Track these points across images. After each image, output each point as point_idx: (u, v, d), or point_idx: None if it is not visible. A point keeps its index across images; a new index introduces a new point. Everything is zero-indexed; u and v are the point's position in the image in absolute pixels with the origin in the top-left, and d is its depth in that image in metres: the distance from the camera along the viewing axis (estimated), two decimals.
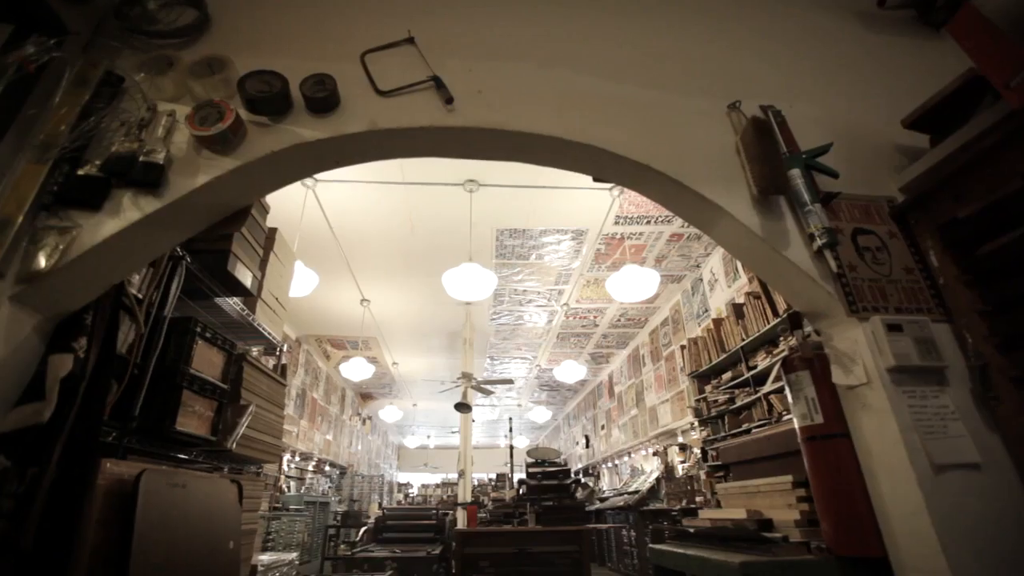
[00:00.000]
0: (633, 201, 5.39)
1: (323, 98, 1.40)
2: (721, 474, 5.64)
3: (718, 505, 5.34)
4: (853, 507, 1.23)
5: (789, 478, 1.51)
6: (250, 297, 2.38)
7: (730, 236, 1.48)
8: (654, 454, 8.88)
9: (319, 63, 1.46)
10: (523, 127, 1.46)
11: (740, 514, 1.60)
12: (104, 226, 1.17)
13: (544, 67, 1.60)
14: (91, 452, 1.24)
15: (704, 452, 5.93)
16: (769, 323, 4.49)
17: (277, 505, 6.73)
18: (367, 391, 13.33)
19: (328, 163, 1.46)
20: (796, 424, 1.38)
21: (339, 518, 6.47)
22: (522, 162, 1.56)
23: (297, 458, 9.15)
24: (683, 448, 8.09)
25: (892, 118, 1.60)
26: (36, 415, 1.08)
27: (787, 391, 1.42)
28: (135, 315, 1.52)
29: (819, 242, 1.32)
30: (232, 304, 2.21)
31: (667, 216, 5.68)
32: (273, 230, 2.63)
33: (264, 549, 5.27)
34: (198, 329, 1.78)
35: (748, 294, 4.95)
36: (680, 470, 7.78)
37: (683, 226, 5.89)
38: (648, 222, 5.83)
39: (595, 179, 1.60)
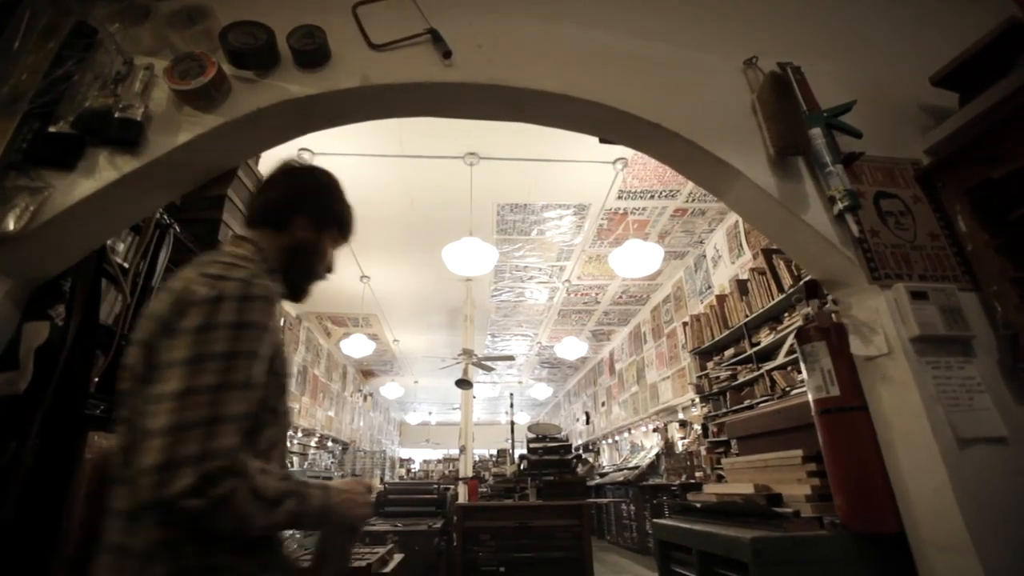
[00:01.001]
0: (636, 175, 5.28)
1: (312, 51, 1.31)
2: (721, 450, 5.65)
3: (718, 480, 5.37)
4: (869, 482, 1.18)
5: (799, 452, 1.46)
6: None
7: (745, 200, 1.40)
8: (654, 430, 8.92)
9: (307, 14, 1.36)
10: (526, 84, 1.37)
11: (748, 489, 1.56)
12: (79, 187, 1.09)
13: (549, 21, 1.49)
14: (76, 425, 1.19)
15: (705, 428, 5.93)
16: (774, 299, 4.43)
17: None
18: (368, 368, 13.38)
19: (319, 122, 1.37)
20: (810, 397, 1.33)
21: None
22: (524, 122, 1.47)
23: (299, 434, 9.21)
24: (683, 424, 8.12)
25: (918, 76, 1.51)
26: (10, 385, 1.02)
27: (801, 363, 1.36)
28: (120, 284, 1.45)
29: (840, 205, 1.25)
30: None
31: (671, 190, 5.57)
32: None
33: None
34: None
35: (752, 270, 4.88)
36: (680, 446, 7.82)
37: (687, 201, 5.78)
38: (652, 197, 5.72)
39: (601, 140, 1.51)
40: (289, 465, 8.12)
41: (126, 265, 1.52)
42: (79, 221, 1.12)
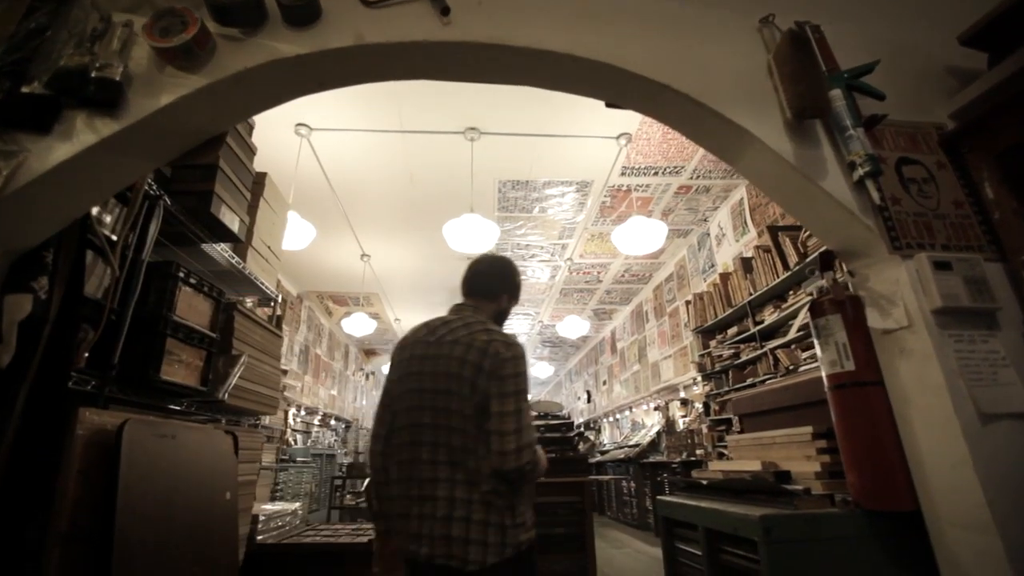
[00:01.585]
0: (640, 151, 5.17)
1: (301, 7, 1.23)
2: (723, 428, 5.66)
3: (720, 458, 5.38)
4: (884, 459, 1.14)
5: (809, 429, 1.42)
6: (239, 244, 2.26)
7: (758, 166, 1.33)
8: (655, 409, 8.96)
9: None
10: (529, 43, 1.29)
11: (755, 466, 1.53)
12: (55, 151, 1.03)
13: None
14: (63, 400, 1.15)
15: (706, 406, 5.94)
16: (779, 277, 4.37)
17: (284, 457, 6.84)
18: (370, 347, 13.41)
19: (310, 84, 1.30)
20: (823, 372, 1.28)
21: (345, 470, 6.59)
22: (527, 85, 1.39)
23: (303, 412, 9.27)
24: (684, 403, 8.14)
25: (944, 36, 1.42)
26: None
27: (814, 337, 1.31)
28: (108, 257, 1.40)
29: (860, 171, 1.18)
30: (220, 251, 2.10)
31: (675, 167, 5.47)
32: (262, 174, 2.48)
33: (273, 499, 5.38)
34: (180, 274, 1.67)
35: (757, 247, 4.81)
36: (681, 424, 7.86)
37: (692, 178, 5.68)
38: (655, 173, 5.62)
39: (608, 104, 1.43)
40: (293, 443, 8.20)
41: (114, 237, 1.46)
42: (58, 188, 1.06)
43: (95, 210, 1.41)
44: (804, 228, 3.96)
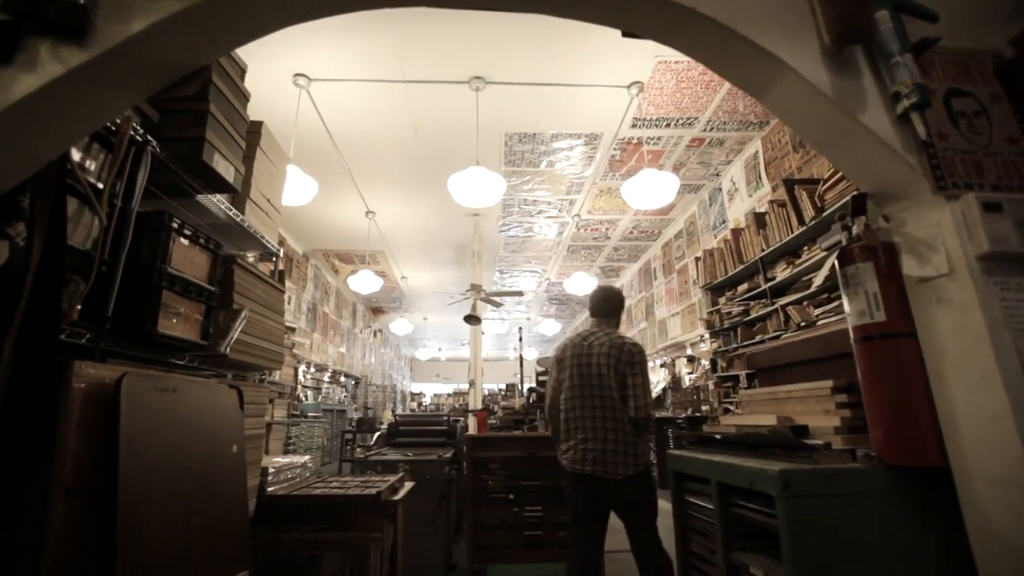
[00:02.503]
0: (653, 101, 4.96)
1: None
2: (729, 384, 5.68)
3: (725, 414, 5.41)
4: (912, 413, 1.08)
5: (829, 383, 1.36)
6: (236, 195, 2.18)
7: (790, 100, 1.21)
8: (661, 366, 9.00)
9: None
10: None
11: (769, 420, 1.48)
12: (18, 83, 0.94)
13: None
14: (54, 353, 1.11)
15: (713, 363, 5.93)
16: (793, 232, 4.26)
17: (296, 413, 6.99)
18: (377, 305, 13.48)
19: (296, 9, 1.18)
20: (850, 323, 1.21)
21: (355, 424, 6.73)
22: (538, 11, 1.26)
23: (312, 369, 9.42)
24: (691, 360, 8.17)
25: None
26: None
27: (841, 287, 1.23)
28: (93, 205, 1.33)
29: (906, 103, 1.06)
30: (216, 203, 2.02)
31: (688, 118, 5.26)
32: (257, 123, 2.37)
33: (286, 452, 5.51)
34: (174, 225, 1.60)
35: (772, 202, 4.66)
36: (687, 381, 7.91)
37: (705, 129, 5.47)
38: (668, 125, 5.41)
39: (624, 34, 1.30)
40: (303, 399, 8.36)
41: (100, 185, 1.39)
42: (24, 125, 0.97)
43: (77, 156, 1.33)
44: (822, 181, 3.81)
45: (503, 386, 11.10)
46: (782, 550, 1.06)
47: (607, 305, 2.38)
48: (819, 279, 1.43)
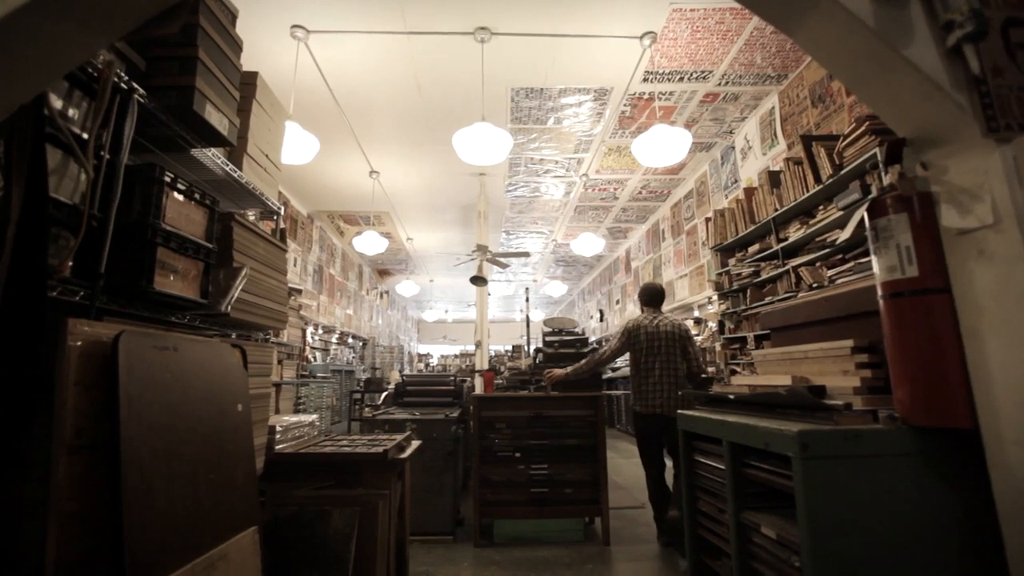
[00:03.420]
0: (666, 53, 4.74)
1: None
2: (736, 346, 5.65)
3: (732, 375, 5.41)
4: (942, 372, 1.03)
5: (849, 342, 1.31)
6: (233, 151, 2.10)
7: (826, 32, 1.10)
8: None
9: None
10: None
11: (784, 381, 1.44)
12: None
13: None
14: (43, 310, 1.07)
15: (721, 325, 5.89)
16: (809, 191, 4.12)
17: (305, 373, 7.08)
18: (384, 267, 13.47)
19: None
20: (878, 279, 1.14)
21: (363, 384, 6.82)
22: None
23: (320, 331, 9.49)
24: (698, 322, 8.14)
25: None
26: None
27: (870, 241, 1.16)
28: (78, 156, 1.26)
29: (960, 32, 0.96)
30: (212, 157, 1.95)
31: (703, 71, 5.03)
32: (252, 74, 2.26)
33: (296, 411, 5.61)
34: (166, 178, 1.53)
35: (788, 159, 4.50)
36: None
37: (720, 84, 5.24)
38: (681, 79, 5.19)
39: None
40: (312, 360, 8.47)
41: (84, 136, 1.32)
42: None
43: (58, 103, 1.26)
44: (842, 137, 3.65)
45: (509, 348, 11.17)
46: (797, 512, 1.03)
47: (658, 298, 3.55)
48: (846, 233, 1.36)
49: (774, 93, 5.47)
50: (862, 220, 1.18)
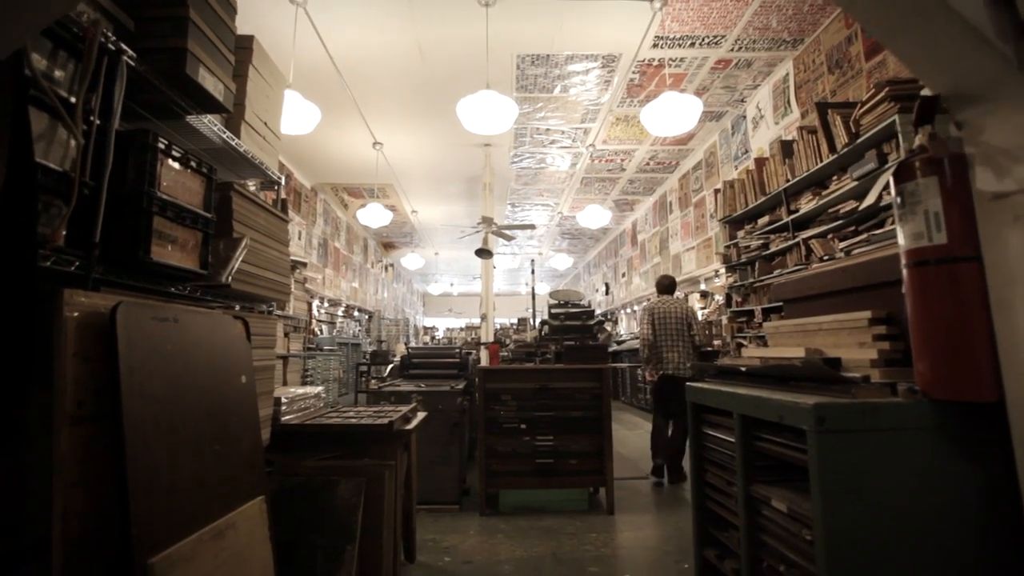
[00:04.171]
0: (677, 17, 4.56)
1: None
2: (744, 319, 5.61)
3: (739, 348, 5.38)
4: (968, 344, 0.98)
5: (866, 314, 1.27)
6: (230, 118, 2.04)
7: None
8: None
9: None
10: None
11: (797, 353, 1.40)
12: None
13: None
14: (34, 279, 1.04)
15: (728, 298, 5.84)
16: (822, 161, 4.00)
17: (311, 346, 7.12)
18: (389, 240, 13.42)
19: None
20: (903, 247, 1.09)
21: (369, 357, 6.86)
22: None
23: (326, 304, 9.52)
24: (704, 295, 8.09)
25: None
26: None
27: (896, 207, 1.10)
28: (65, 120, 1.21)
29: None
30: (208, 124, 1.89)
31: (715, 36, 4.85)
32: (248, 37, 2.18)
33: (304, 383, 5.65)
34: (160, 145, 1.48)
35: (801, 128, 4.36)
36: (700, 316, 7.87)
37: (732, 49, 5.06)
38: (692, 44, 5.01)
39: None
40: (319, 332, 8.51)
41: (72, 100, 1.27)
42: None
43: (42, 64, 1.21)
44: (859, 104, 3.52)
45: (515, 320, 11.19)
46: (811, 486, 1.01)
47: (671, 288, 4.68)
48: (870, 198, 1.30)
49: (789, 59, 5.28)
50: (887, 186, 1.12)
